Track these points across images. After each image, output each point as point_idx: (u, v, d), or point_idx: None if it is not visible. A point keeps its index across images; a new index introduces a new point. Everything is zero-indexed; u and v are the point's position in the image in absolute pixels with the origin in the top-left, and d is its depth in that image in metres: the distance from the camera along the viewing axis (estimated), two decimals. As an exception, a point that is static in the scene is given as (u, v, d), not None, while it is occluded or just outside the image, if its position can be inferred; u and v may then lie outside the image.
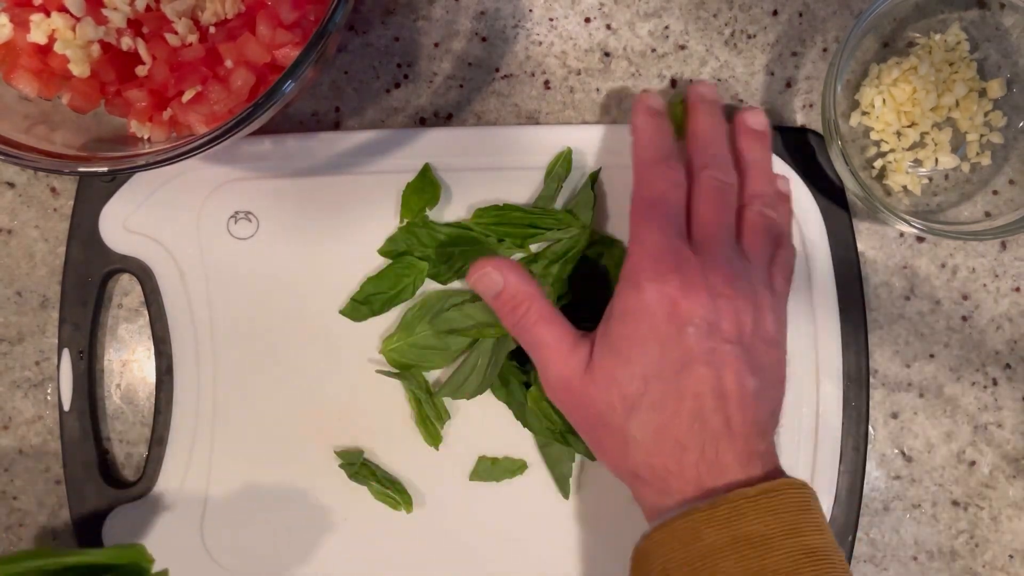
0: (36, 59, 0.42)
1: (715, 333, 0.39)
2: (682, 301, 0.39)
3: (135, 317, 0.49)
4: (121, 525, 0.47)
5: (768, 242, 0.43)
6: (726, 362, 0.39)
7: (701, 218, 0.41)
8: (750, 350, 0.39)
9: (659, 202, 0.41)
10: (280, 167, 0.48)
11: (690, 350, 0.38)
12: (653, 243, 0.40)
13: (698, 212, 0.41)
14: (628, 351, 0.39)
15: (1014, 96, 0.47)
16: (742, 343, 0.39)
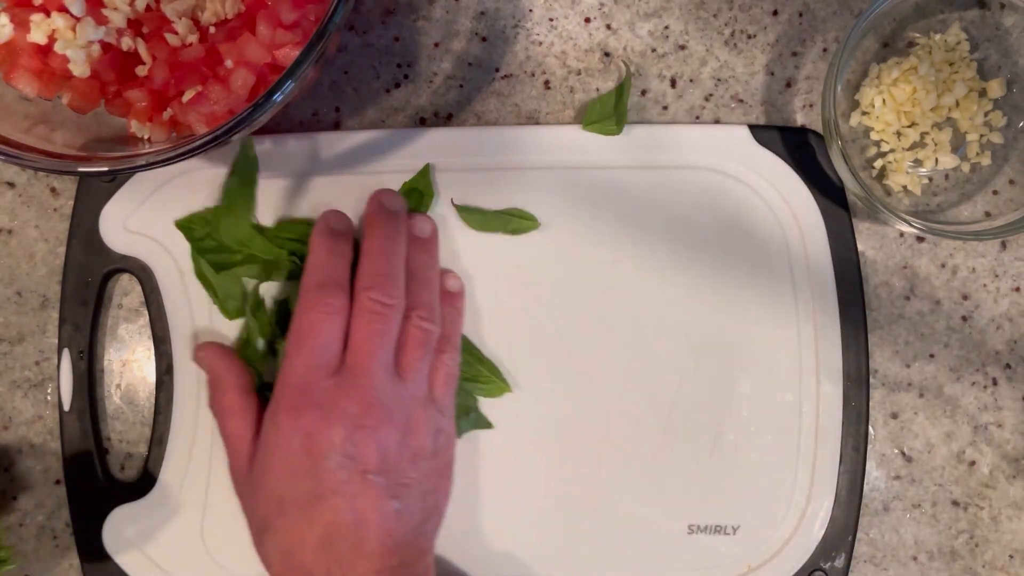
0: (36, 59, 0.42)
1: (353, 464, 0.40)
2: (318, 434, 0.40)
3: (135, 317, 0.49)
4: (121, 525, 0.47)
5: (425, 355, 0.43)
6: (362, 491, 0.40)
7: (354, 343, 0.42)
8: (393, 474, 0.41)
9: (309, 333, 0.42)
10: (280, 167, 0.48)
11: (324, 482, 0.40)
12: (296, 374, 0.41)
13: (352, 337, 0.42)
14: (266, 476, 0.41)
15: (1014, 96, 0.47)
16: (384, 470, 0.41)
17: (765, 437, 0.47)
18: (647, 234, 0.48)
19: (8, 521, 0.50)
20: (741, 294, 0.47)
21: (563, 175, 0.48)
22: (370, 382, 0.41)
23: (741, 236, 0.48)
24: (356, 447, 0.40)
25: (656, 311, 0.48)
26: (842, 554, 0.47)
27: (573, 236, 0.48)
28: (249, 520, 0.43)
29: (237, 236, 0.47)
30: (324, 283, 0.43)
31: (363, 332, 0.42)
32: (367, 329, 0.42)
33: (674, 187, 0.48)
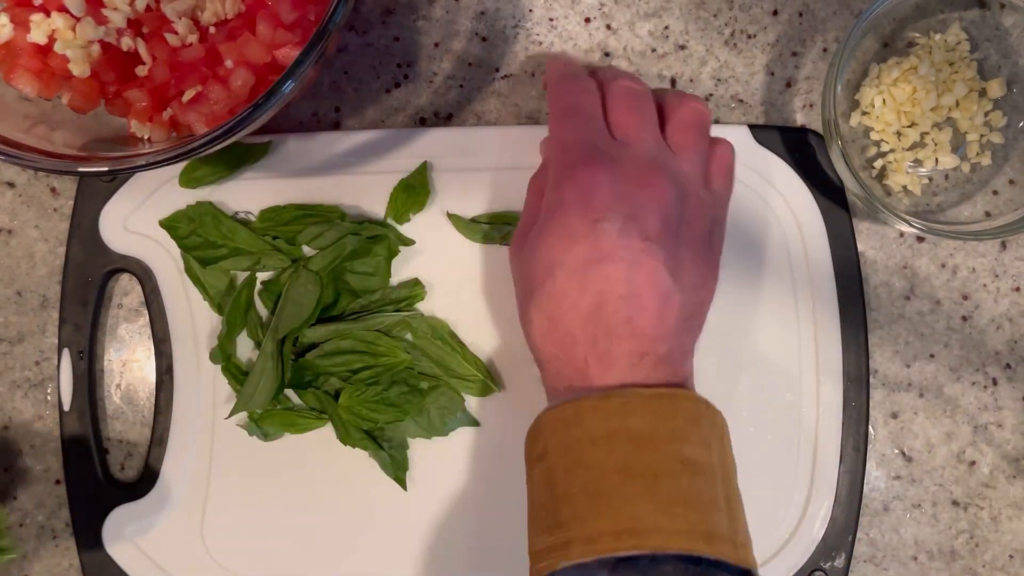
0: (36, 59, 0.42)
1: (634, 226, 0.37)
2: (599, 190, 0.38)
3: (135, 317, 0.49)
4: (121, 525, 0.47)
5: (701, 136, 0.42)
6: (640, 260, 0.37)
7: (619, 119, 0.41)
8: (671, 247, 0.38)
9: (573, 107, 0.41)
10: (280, 167, 0.48)
11: (601, 245, 0.37)
12: (573, 140, 0.40)
13: (615, 117, 0.41)
14: (541, 241, 0.39)
15: (1014, 96, 0.47)
16: (664, 240, 0.38)
17: (765, 437, 0.47)
18: (647, 234, 0.48)
19: (8, 521, 0.50)
20: (741, 294, 0.47)
21: (563, 175, 0.48)
22: (645, 148, 0.39)
23: (741, 236, 0.48)
24: (638, 207, 0.37)
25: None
26: (842, 554, 0.47)
27: (573, 236, 0.48)
28: (517, 291, 0.41)
29: (220, 230, 0.47)
30: (572, 74, 0.43)
31: (623, 112, 0.41)
32: (627, 106, 0.41)
33: (674, 187, 0.48)
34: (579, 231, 0.38)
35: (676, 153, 0.41)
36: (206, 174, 0.47)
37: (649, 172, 0.39)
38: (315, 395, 0.46)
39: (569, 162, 0.39)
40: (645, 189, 0.38)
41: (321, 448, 0.47)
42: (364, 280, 0.47)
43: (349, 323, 0.46)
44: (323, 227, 0.46)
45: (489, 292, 0.48)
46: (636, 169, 0.39)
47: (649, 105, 0.42)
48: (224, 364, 0.47)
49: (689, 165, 0.40)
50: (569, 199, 0.38)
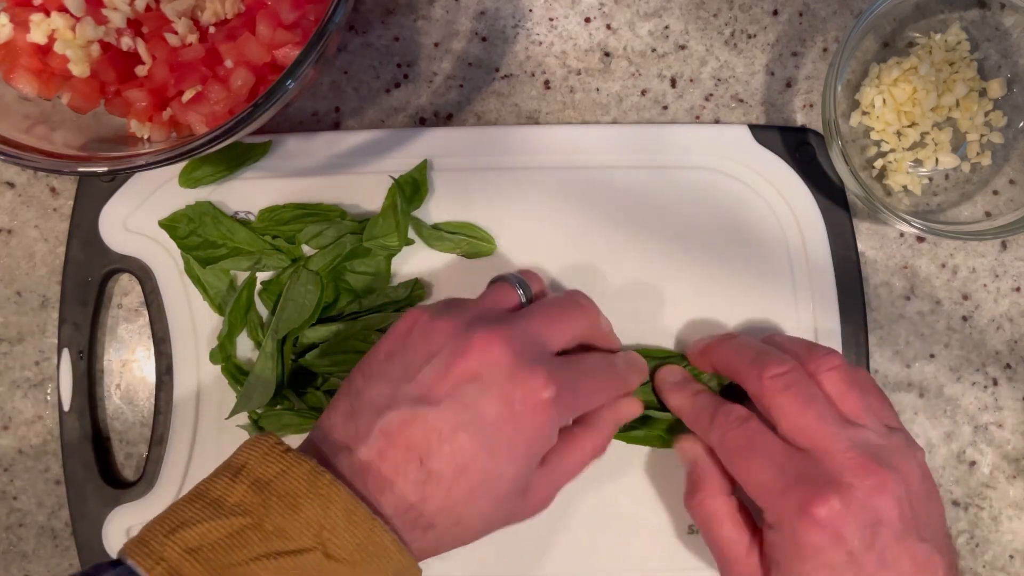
0: (36, 59, 0.42)
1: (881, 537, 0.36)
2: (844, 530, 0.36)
3: (135, 317, 0.49)
4: (121, 525, 0.47)
5: (859, 393, 0.40)
6: (902, 554, 0.36)
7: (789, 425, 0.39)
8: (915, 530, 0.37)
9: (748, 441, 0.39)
10: (280, 167, 0.48)
11: (863, 567, 0.36)
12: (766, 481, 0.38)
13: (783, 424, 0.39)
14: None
15: (1014, 96, 0.47)
16: (906, 520, 0.37)
17: (765, 437, 0.47)
18: (647, 234, 0.48)
19: (8, 521, 0.50)
20: (741, 294, 0.47)
21: (563, 175, 0.48)
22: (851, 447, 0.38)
23: (741, 236, 0.48)
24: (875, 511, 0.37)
25: (655, 311, 0.48)
26: (842, 554, 0.47)
27: (572, 236, 0.48)
28: None
29: (220, 230, 0.47)
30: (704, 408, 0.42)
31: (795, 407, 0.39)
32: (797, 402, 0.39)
33: (674, 187, 0.48)
34: (837, 562, 0.36)
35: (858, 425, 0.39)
36: (206, 174, 0.47)
37: (868, 475, 0.37)
38: (315, 395, 0.46)
39: (796, 506, 0.37)
40: (875, 493, 0.37)
41: (321, 448, 0.47)
42: (364, 280, 0.47)
43: (349, 323, 0.46)
44: (322, 226, 0.46)
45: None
46: (855, 477, 0.37)
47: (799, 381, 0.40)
48: (224, 364, 0.47)
49: (873, 433, 0.39)
50: (817, 543, 0.37)
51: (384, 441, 0.35)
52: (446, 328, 0.37)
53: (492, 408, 0.36)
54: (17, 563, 0.49)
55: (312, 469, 0.34)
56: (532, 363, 0.36)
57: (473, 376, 0.36)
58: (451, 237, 0.47)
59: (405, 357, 0.37)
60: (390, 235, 0.46)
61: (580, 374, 0.39)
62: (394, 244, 0.46)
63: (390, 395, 0.36)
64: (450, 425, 0.35)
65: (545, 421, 0.37)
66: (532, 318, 0.39)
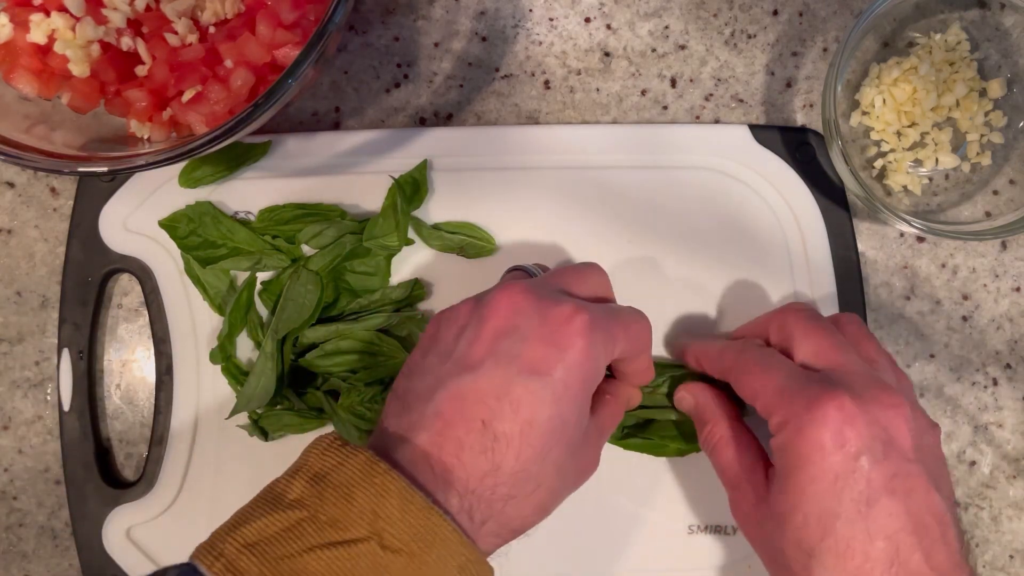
0: (36, 59, 0.42)
1: (892, 454, 0.36)
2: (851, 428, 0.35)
3: (135, 317, 0.49)
4: (121, 525, 0.47)
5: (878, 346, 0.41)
6: (911, 486, 0.35)
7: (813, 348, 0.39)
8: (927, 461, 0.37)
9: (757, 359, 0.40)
10: (280, 167, 0.48)
11: (873, 482, 0.35)
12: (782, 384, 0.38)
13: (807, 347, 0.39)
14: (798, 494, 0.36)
15: (1014, 96, 0.47)
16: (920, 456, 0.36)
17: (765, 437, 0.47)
18: (647, 234, 0.48)
19: (8, 521, 0.50)
20: (741, 294, 0.47)
21: (563, 175, 0.48)
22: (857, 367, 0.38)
23: (741, 236, 0.48)
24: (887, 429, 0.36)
25: (655, 311, 0.48)
26: None
27: (572, 236, 0.48)
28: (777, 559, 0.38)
29: (220, 229, 0.47)
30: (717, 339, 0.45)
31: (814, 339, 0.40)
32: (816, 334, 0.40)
33: (674, 187, 0.48)
34: (841, 471, 0.35)
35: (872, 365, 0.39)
36: (206, 174, 0.47)
37: (882, 392, 0.37)
38: (315, 395, 0.46)
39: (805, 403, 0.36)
40: (888, 410, 0.36)
41: (321, 448, 0.47)
42: (364, 280, 0.47)
43: (349, 323, 0.46)
44: (322, 226, 0.46)
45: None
46: (868, 391, 0.37)
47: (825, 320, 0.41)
48: (224, 364, 0.47)
49: (888, 374, 0.39)
50: (821, 440, 0.35)
51: (440, 421, 0.34)
52: (467, 306, 0.37)
53: (536, 351, 0.34)
54: (17, 563, 0.49)
55: (368, 459, 0.33)
56: (559, 299, 0.36)
57: (506, 330, 0.35)
58: (451, 237, 0.47)
59: (437, 347, 0.37)
60: (390, 235, 0.46)
61: (609, 312, 0.38)
62: (394, 244, 0.46)
63: (434, 380, 0.35)
64: (501, 381, 0.34)
65: (588, 347, 0.35)
66: (550, 276, 0.39)
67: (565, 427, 0.35)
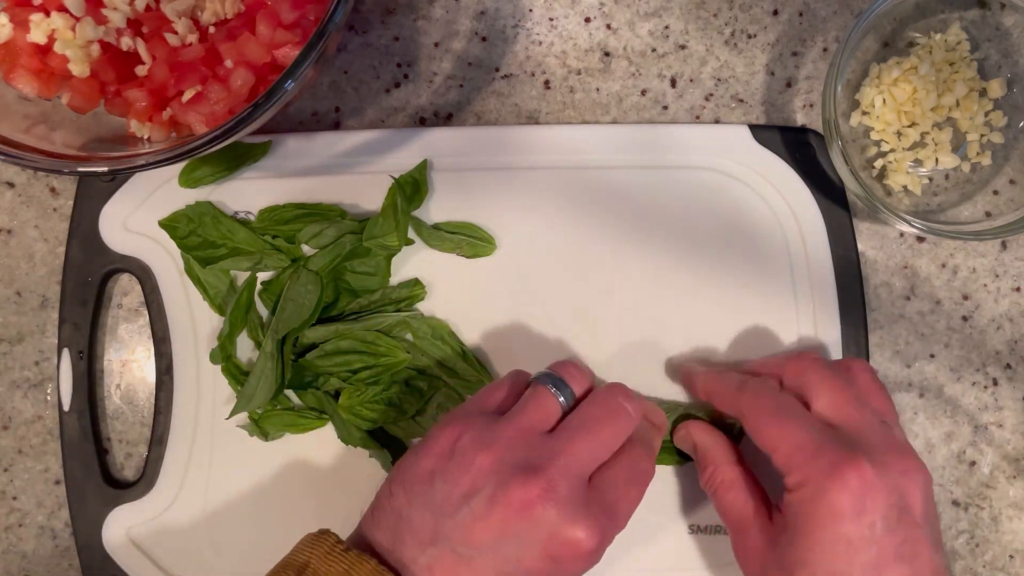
0: (36, 59, 0.42)
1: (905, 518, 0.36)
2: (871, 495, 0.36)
3: (135, 317, 0.49)
4: (121, 525, 0.47)
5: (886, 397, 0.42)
6: (916, 552, 0.36)
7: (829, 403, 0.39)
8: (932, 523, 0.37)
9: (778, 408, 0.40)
10: (280, 167, 0.48)
11: (884, 550, 0.36)
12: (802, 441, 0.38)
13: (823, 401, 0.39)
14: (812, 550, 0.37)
15: (1014, 96, 0.47)
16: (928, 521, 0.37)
17: (765, 437, 0.47)
18: (647, 234, 0.48)
19: (8, 521, 0.50)
20: (741, 294, 0.47)
21: (563, 175, 0.48)
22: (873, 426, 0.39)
23: (741, 236, 0.48)
24: (903, 495, 0.36)
25: (656, 311, 0.48)
26: None
27: (573, 236, 0.48)
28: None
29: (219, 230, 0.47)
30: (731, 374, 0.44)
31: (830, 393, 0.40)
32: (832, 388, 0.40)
33: (674, 187, 0.48)
34: (856, 537, 0.36)
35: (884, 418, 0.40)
36: (206, 174, 0.47)
37: (900, 457, 0.37)
38: (315, 395, 0.46)
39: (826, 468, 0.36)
40: (904, 476, 0.37)
41: (321, 448, 0.47)
42: (364, 280, 0.47)
43: (349, 323, 0.46)
44: (322, 226, 0.46)
45: (489, 292, 0.48)
46: (887, 455, 0.37)
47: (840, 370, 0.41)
48: (224, 364, 0.47)
49: (898, 429, 0.40)
50: (841, 507, 0.36)
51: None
52: (484, 464, 0.36)
53: (535, 564, 0.36)
54: (17, 563, 0.49)
55: (374, 569, 0.35)
56: (574, 516, 0.36)
57: (514, 532, 0.36)
58: (451, 237, 0.47)
59: (445, 487, 0.37)
60: (390, 235, 0.46)
61: (618, 498, 0.38)
62: (394, 244, 0.46)
63: (433, 528, 0.36)
64: (494, 573, 0.36)
65: (589, 564, 0.37)
66: (573, 444, 0.38)
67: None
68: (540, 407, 0.39)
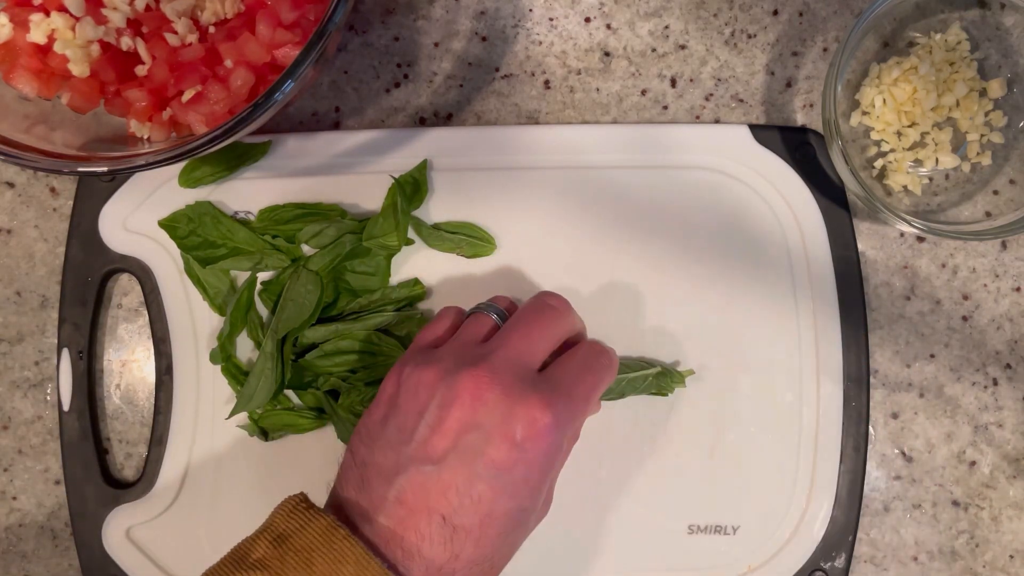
0: (36, 59, 0.42)
1: None
2: None
3: (135, 317, 0.49)
4: (121, 525, 0.47)
5: None
6: None
7: None
8: None
9: None
10: (280, 167, 0.48)
11: None
12: None
13: None
14: None
15: (1014, 96, 0.47)
16: None
17: (765, 437, 0.47)
18: (647, 234, 0.48)
19: (8, 521, 0.50)
20: (741, 294, 0.47)
21: (563, 175, 0.48)
22: None
23: (741, 236, 0.48)
24: None
25: (656, 311, 0.48)
26: (842, 554, 0.47)
27: (573, 236, 0.48)
28: None
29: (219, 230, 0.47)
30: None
31: None
32: None
33: (674, 187, 0.48)
34: None
35: None
36: (206, 174, 0.47)
37: None
38: (315, 395, 0.46)
39: None
40: None
41: (321, 448, 0.47)
42: (364, 280, 0.47)
43: (349, 323, 0.46)
44: (322, 225, 0.46)
45: (489, 292, 0.48)
46: None
47: None
48: (224, 364, 0.47)
49: None
50: None
51: (402, 509, 0.35)
52: (428, 378, 0.37)
53: (499, 452, 0.36)
54: (17, 563, 0.49)
55: (329, 524, 0.34)
56: (523, 393, 0.36)
57: (470, 424, 0.36)
58: (451, 237, 0.47)
59: (398, 419, 0.37)
60: (390, 235, 0.46)
61: (571, 381, 0.39)
62: (394, 244, 0.46)
63: (394, 460, 0.36)
64: (463, 478, 0.35)
65: (552, 444, 0.37)
66: (508, 339, 0.39)
67: (523, 513, 0.37)
68: (476, 324, 0.41)
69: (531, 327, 0.40)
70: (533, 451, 0.36)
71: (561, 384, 0.38)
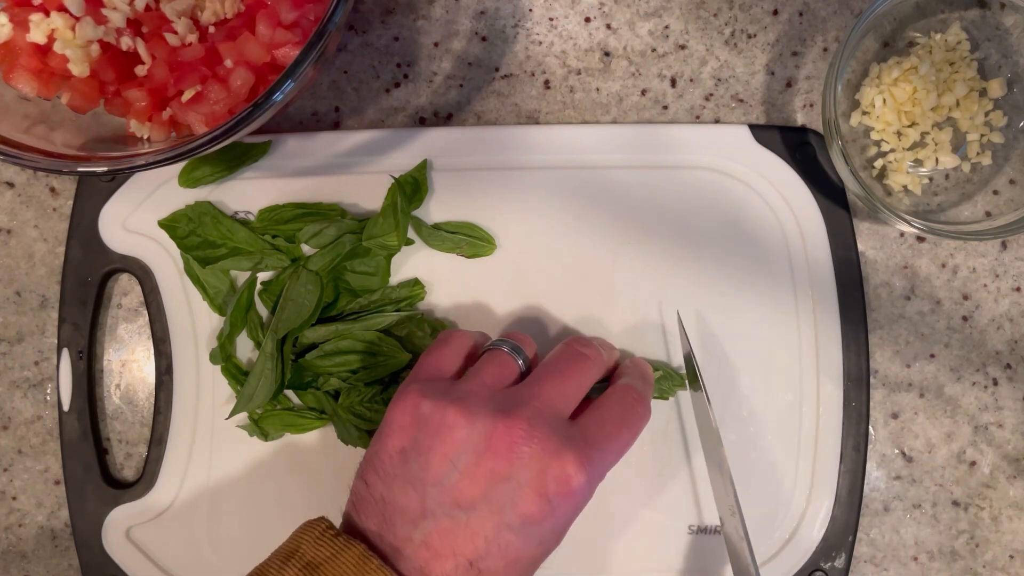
0: (36, 59, 0.42)
1: None
2: None
3: (135, 317, 0.49)
4: (121, 525, 0.47)
5: None
6: None
7: None
8: None
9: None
10: (280, 167, 0.48)
11: None
12: None
13: None
14: None
15: (1014, 96, 0.47)
16: None
17: (765, 437, 0.47)
18: (647, 234, 0.48)
19: (8, 521, 0.50)
20: (741, 294, 0.47)
21: (563, 175, 0.48)
22: None
23: (741, 236, 0.48)
24: None
25: (655, 311, 0.48)
26: (842, 554, 0.47)
27: (572, 236, 0.48)
28: None
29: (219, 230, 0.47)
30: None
31: None
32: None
33: (674, 187, 0.48)
34: None
35: None
36: (205, 174, 0.47)
37: None
38: (315, 395, 0.46)
39: None
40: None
41: (321, 448, 0.47)
42: (364, 280, 0.47)
43: (349, 323, 0.46)
44: (322, 225, 0.46)
45: (489, 292, 0.48)
46: None
47: None
48: (224, 364, 0.47)
49: None
50: None
51: (427, 552, 0.35)
52: (454, 419, 0.36)
53: (531, 507, 0.36)
54: (17, 563, 0.49)
55: (361, 554, 0.34)
56: (559, 449, 0.36)
57: (503, 476, 0.35)
58: (451, 237, 0.47)
59: (420, 457, 0.36)
60: (390, 235, 0.46)
61: (605, 437, 0.38)
62: (394, 244, 0.46)
63: (419, 503, 0.36)
64: (492, 526, 0.35)
65: (583, 500, 0.37)
66: (541, 388, 0.38)
67: (546, 554, 0.37)
68: (500, 365, 0.40)
69: (565, 377, 0.39)
70: (564, 507, 0.36)
71: (596, 440, 0.38)
